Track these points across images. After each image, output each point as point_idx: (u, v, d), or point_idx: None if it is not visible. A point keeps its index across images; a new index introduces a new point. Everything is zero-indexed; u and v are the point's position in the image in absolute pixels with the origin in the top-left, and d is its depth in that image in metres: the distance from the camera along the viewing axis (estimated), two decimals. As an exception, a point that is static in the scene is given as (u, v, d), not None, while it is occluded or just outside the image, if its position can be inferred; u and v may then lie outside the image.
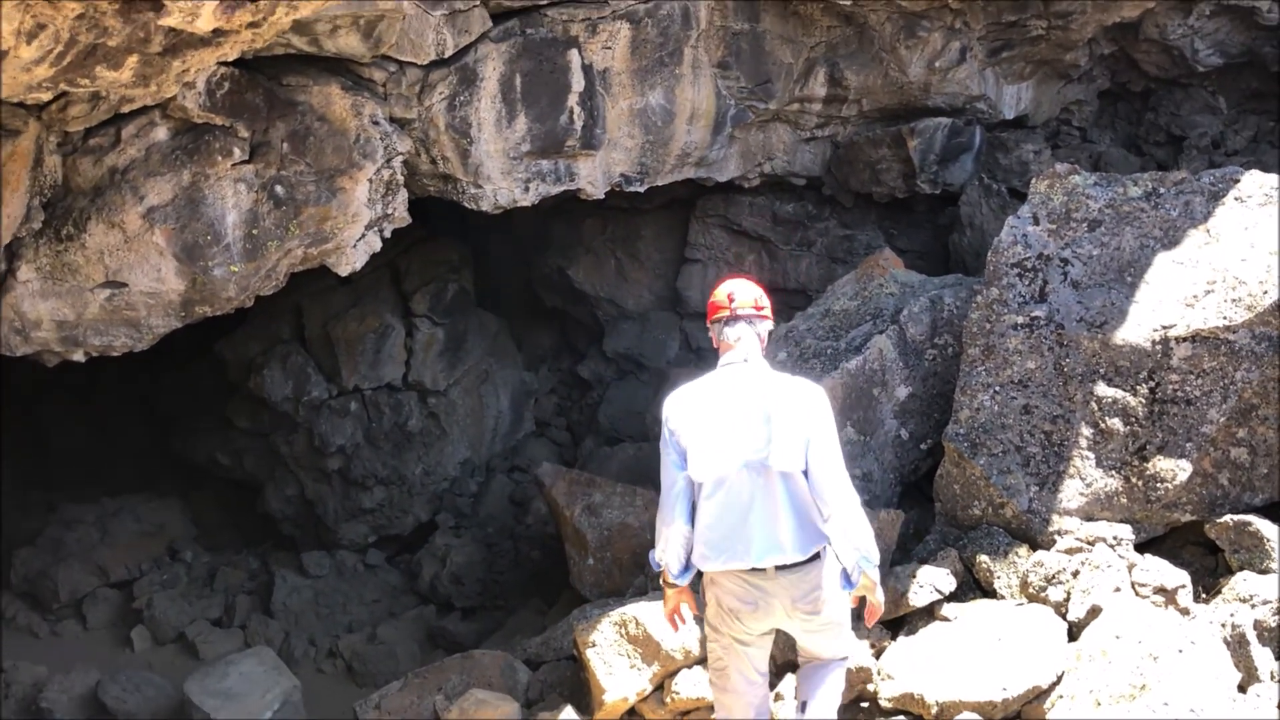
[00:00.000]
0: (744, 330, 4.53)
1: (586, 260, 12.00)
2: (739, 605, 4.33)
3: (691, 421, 4.26)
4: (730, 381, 4.38)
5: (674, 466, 4.24)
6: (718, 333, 4.60)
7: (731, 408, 4.28)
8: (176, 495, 12.07)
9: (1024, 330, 6.78)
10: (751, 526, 4.19)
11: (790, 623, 4.47)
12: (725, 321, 4.55)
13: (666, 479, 4.25)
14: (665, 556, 4.31)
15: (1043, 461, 6.60)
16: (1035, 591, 6.16)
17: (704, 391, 4.36)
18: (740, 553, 4.22)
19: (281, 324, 11.45)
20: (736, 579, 4.28)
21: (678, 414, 4.31)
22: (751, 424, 4.23)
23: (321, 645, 10.14)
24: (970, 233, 9.69)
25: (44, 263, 6.80)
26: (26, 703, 9.16)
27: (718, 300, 4.63)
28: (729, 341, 4.52)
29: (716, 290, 4.72)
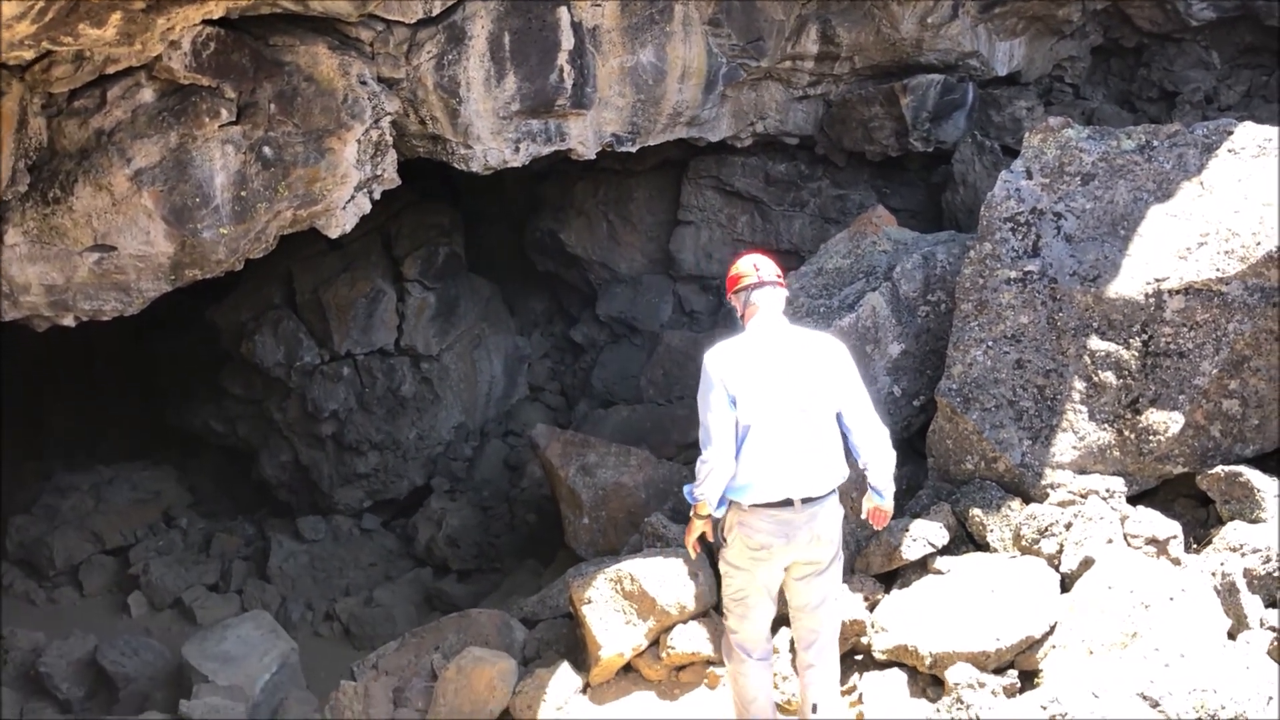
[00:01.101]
0: (770, 294, 4.95)
1: (578, 223, 11.96)
2: (769, 539, 4.75)
3: (739, 371, 4.66)
4: (768, 337, 4.81)
5: (727, 410, 4.60)
6: (744, 300, 4.97)
7: (774, 359, 4.73)
8: (171, 463, 12.09)
9: (1017, 285, 6.77)
10: (788, 464, 4.66)
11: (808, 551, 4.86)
12: (753, 289, 4.94)
13: (718, 422, 4.59)
14: (708, 491, 4.64)
15: (1035, 415, 6.62)
16: (1028, 544, 6.19)
17: (746, 346, 4.77)
18: (780, 488, 4.67)
19: (272, 290, 11.41)
20: (767, 515, 4.70)
21: (725, 365, 4.68)
22: (794, 373, 4.72)
23: (318, 609, 10.19)
24: (963, 190, 9.66)
25: (31, 226, 6.74)
26: (25, 668, 9.21)
27: (743, 271, 5.02)
28: (758, 305, 4.92)
29: (738, 263, 5.09)
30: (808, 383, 4.73)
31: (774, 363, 4.73)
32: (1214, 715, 4.61)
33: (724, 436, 4.62)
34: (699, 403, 4.74)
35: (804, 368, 4.76)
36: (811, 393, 4.72)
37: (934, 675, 5.66)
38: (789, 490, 4.68)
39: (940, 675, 5.51)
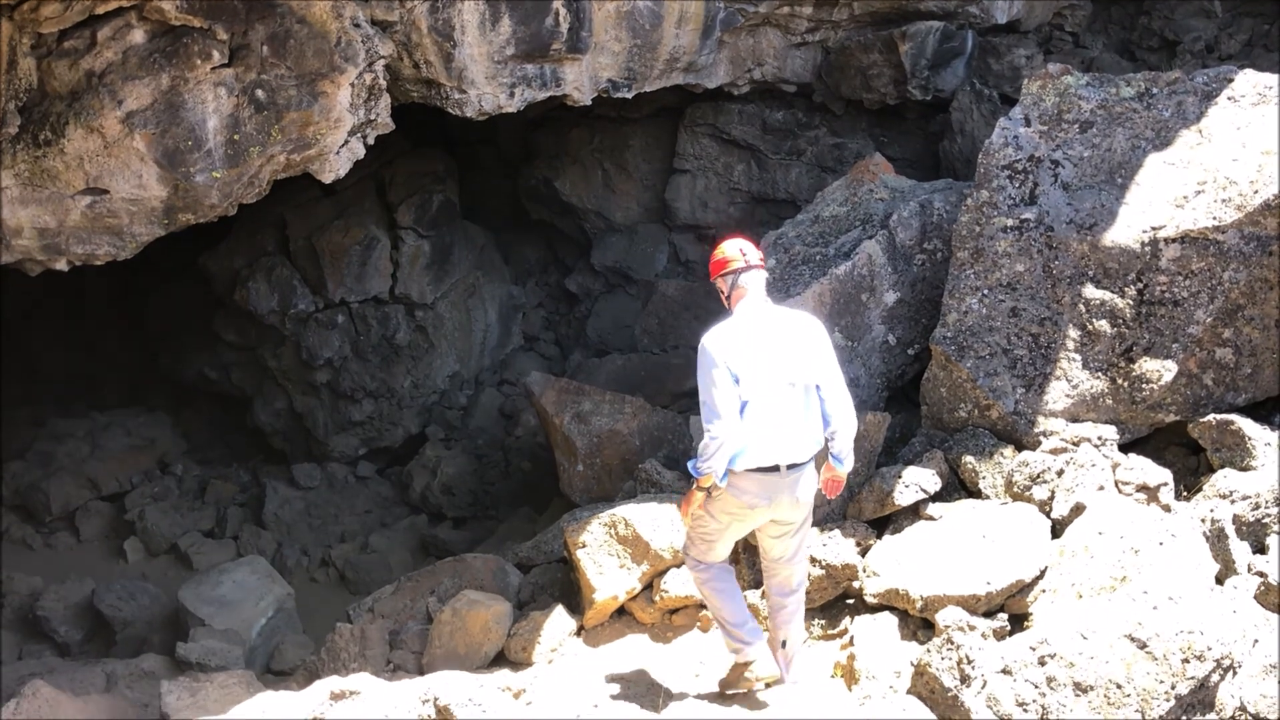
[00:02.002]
0: (756, 277, 5.22)
1: (573, 171, 11.87)
2: (755, 500, 5.04)
3: (738, 351, 4.94)
4: (759, 318, 5.10)
5: (731, 387, 4.88)
6: (731, 283, 5.22)
7: (766, 338, 5.03)
8: (165, 410, 12.09)
9: (1013, 233, 6.76)
10: (779, 433, 4.97)
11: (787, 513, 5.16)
12: (741, 272, 5.19)
13: (724, 399, 4.86)
14: (716, 465, 4.88)
15: (1029, 364, 6.63)
16: (1020, 491, 6.23)
17: (741, 328, 5.05)
18: (770, 455, 4.96)
19: (265, 236, 11.35)
20: (756, 478, 4.98)
21: (725, 347, 4.94)
22: (783, 350, 5.02)
23: (314, 555, 10.26)
24: (961, 139, 9.60)
25: (22, 169, 6.68)
26: (23, 612, 9.28)
27: (731, 255, 5.25)
28: (746, 288, 5.17)
29: (724, 248, 5.30)
30: (795, 359, 5.04)
31: (766, 341, 5.03)
32: (1200, 656, 4.67)
33: (731, 412, 4.87)
34: (701, 382, 4.96)
35: (791, 345, 5.07)
36: (798, 368, 5.04)
37: (925, 619, 5.72)
38: (777, 457, 4.98)
39: (931, 618, 5.57)
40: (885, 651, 5.59)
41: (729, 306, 5.26)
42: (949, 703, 4.82)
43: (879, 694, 5.28)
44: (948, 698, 4.82)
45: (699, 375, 4.99)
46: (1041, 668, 4.81)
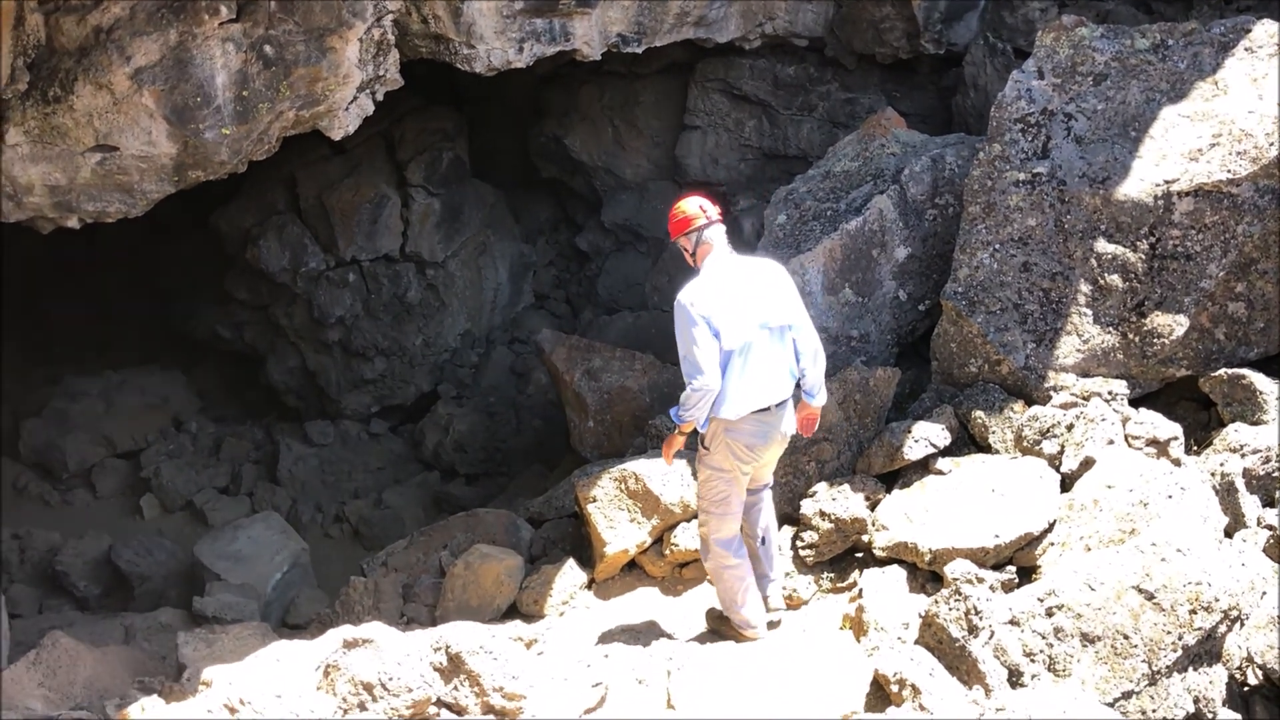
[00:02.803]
0: (718, 231, 5.40)
1: (583, 128, 11.80)
2: (755, 441, 5.32)
3: (717, 306, 5.14)
4: (731, 270, 5.30)
5: (712, 342, 5.10)
6: (696, 240, 5.37)
7: (739, 289, 5.24)
8: (179, 368, 12.14)
9: (1025, 187, 6.72)
10: (766, 375, 5.25)
11: (776, 447, 5.51)
12: (704, 228, 5.36)
13: (706, 353, 5.08)
14: (698, 414, 5.16)
15: (1040, 319, 6.62)
16: (1029, 445, 6.24)
17: (715, 282, 5.22)
18: (762, 396, 5.24)
19: (276, 194, 11.34)
20: (754, 420, 5.26)
21: (704, 303, 5.14)
22: (756, 298, 5.24)
23: (328, 511, 10.34)
24: (974, 94, 9.51)
25: (32, 126, 6.67)
26: (42, 566, 9.40)
27: (691, 213, 5.40)
28: (711, 242, 5.36)
29: (684, 206, 5.45)
30: (768, 304, 5.27)
31: (740, 292, 5.24)
32: (1208, 607, 4.70)
33: (712, 365, 5.10)
34: (681, 339, 5.15)
35: (762, 291, 5.29)
36: (771, 312, 5.27)
37: (933, 572, 5.76)
38: (768, 398, 5.26)
39: (939, 571, 5.60)
40: (893, 604, 5.63)
41: (694, 264, 5.42)
42: (956, 653, 4.85)
43: (887, 645, 5.33)
44: (955, 648, 4.86)
45: (679, 332, 5.17)
46: (1049, 619, 4.85)
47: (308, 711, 4.17)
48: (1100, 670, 4.71)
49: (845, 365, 6.99)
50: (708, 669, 5.14)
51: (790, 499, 6.52)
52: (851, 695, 4.96)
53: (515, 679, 4.55)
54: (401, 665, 4.34)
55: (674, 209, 5.49)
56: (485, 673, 4.52)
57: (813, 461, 6.58)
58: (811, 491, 6.40)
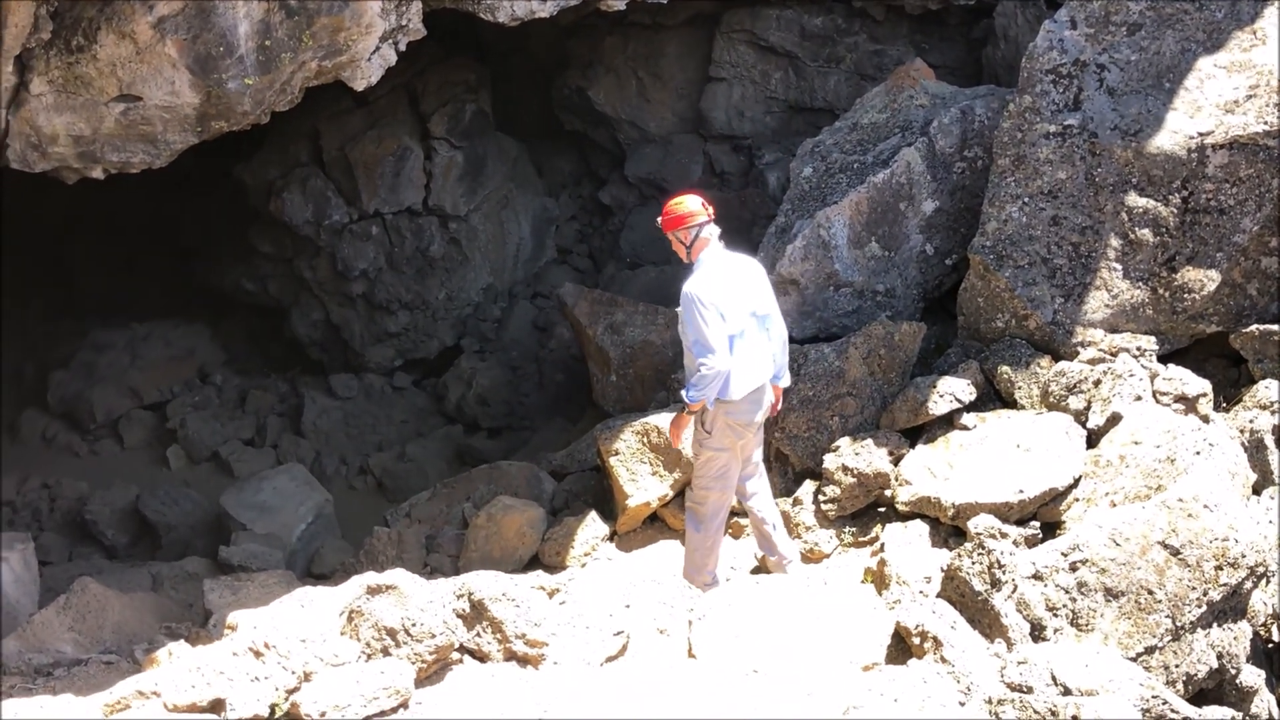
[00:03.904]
0: (713, 228, 5.78)
1: (607, 80, 11.68)
2: (749, 417, 5.76)
3: (723, 294, 5.54)
4: (729, 264, 5.74)
5: (723, 324, 5.50)
6: (695, 235, 5.73)
7: (738, 280, 5.69)
8: (204, 321, 12.20)
9: (1056, 139, 6.61)
10: (757, 357, 5.73)
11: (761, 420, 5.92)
12: (705, 224, 5.74)
13: (718, 335, 5.47)
14: (710, 393, 5.53)
15: (1069, 273, 6.53)
16: (1056, 401, 6.18)
17: (720, 273, 5.64)
18: (757, 376, 5.71)
19: (299, 147, 11.31)
20: (749, 399, 5.69)
21: (713, 291, 5.51)
22: (750, 288, 5.73)
23: (352, 463, 10.42)
24: (1004, 46, 9.34)
25: (56, 75, 6.65)
26: (71, 515, 9.53)
27: (693, 209, 5.74)
28: (708, 238, 5.74)
29: (685, 202, 5.77)
30: (754, 294, 5.75)
31: (739, 283, 5.69)
32: (1234, 564, 4.67)
33: (723, 347, 5.49)
34: (693, 323, 5.51)
35: (752, 283, 5.78)
36: (756, 301, 5.74)
37: (956, 526, 5.74)
38: (760, 377, 5.74)
39: (962, 526, 5.58)
40: (916, 558, 5.62)
41: (689, 257, 5.78)
42: (979, 606, 4.85)
43: (908, 598, 5.32)
44: (978, 601, 4.85)
45: (689, 318, 5.53)
46: (1073, 573, 4.83)
47: (331, 656, 4.21)
48: (1124, 625, 4.69)
49: (870, 320, 6.94)
50: (729, 620, 5.15)
51: (813, 453, 6.50)
52: (873, 647, 4.96)
53: (537, 626, 4.58)
54: (425, 611, 4.36)
55: (673, 204, 5.81)
56: (508, 620, 4.55)
57: (836, 416, 6.55)
58: (834, 446, 6.38)
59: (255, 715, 3.93)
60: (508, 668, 4.54)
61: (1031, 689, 4.22)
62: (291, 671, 4.09)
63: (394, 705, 4.08)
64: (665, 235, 5.92)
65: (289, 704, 4.00)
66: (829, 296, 7.26)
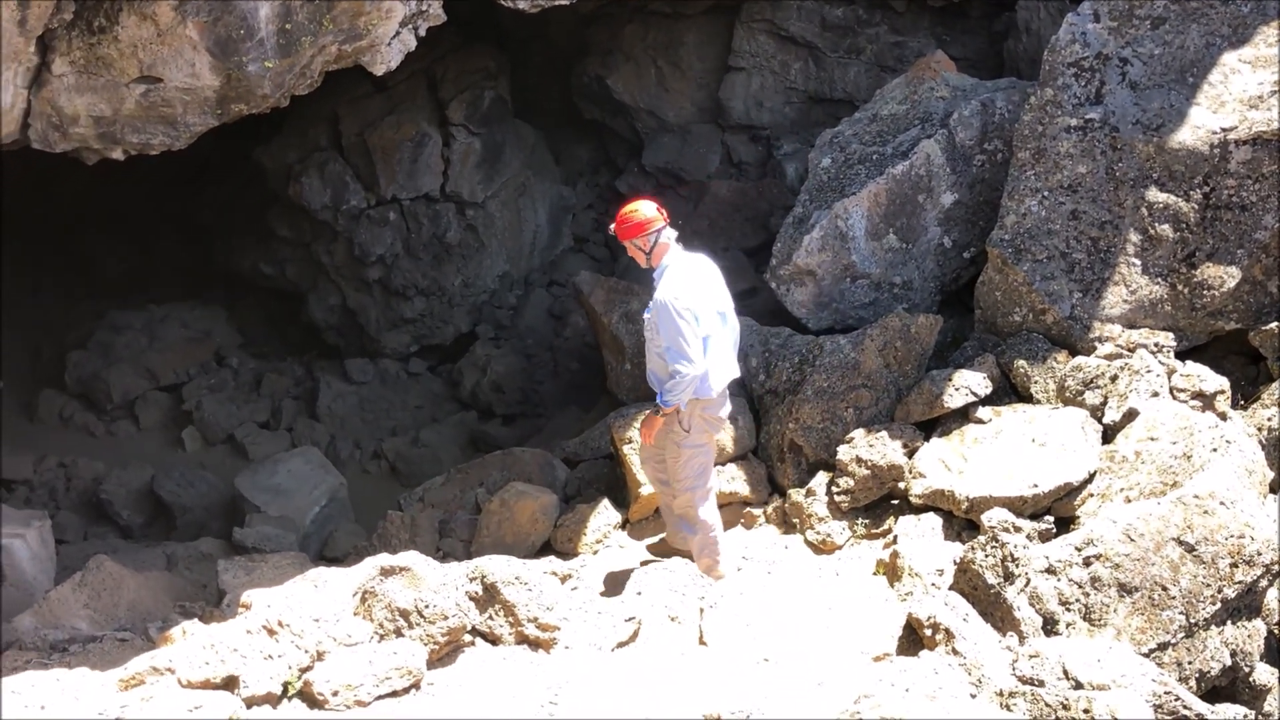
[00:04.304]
0: (671, 231, 5.86)
1: (626, 69, 11.65)
2: (722, 410, 5.92)
3: (696, 298, 5.65)
4: (694, 267, 5.83)
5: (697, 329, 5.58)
6: (654, 240, 5.78)
7: (704, 282, 5.79)
8: (221, 304, 12.23)
9: (1077, 133, 6.58)
10: (727, 354, 5.88)
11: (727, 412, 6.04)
12: (663, 230, 5.80)
13: (695, 342, 5.56)
14: (686, 394, 5.62)
15: (1088, 268, 6.51)
16: (1072, 395, 6.16)
17: (689, 277, 5.73)
18: (729, 371, 5.87)
19: (318, 131, 11.32)
20: (722, 394, 5.85)
21: (687, 297, 5.60)
22: (714, 288, 5.85)
23: (366, 447, 10.44)
24: (1027, 39, 9.27)
25: (77, 56, 6.68)
26: (87, 495, 9.58)
27: (650, 215, 5.78)
28: (668, 242, 5.82)
29: (641, 209, 5.79)
30: (717, 293, 5.86)
31: (706, 284, 5.79)
32: (1249, 561, 4.65)
33: (699, 352, 5.58)
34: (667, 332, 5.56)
35: (716, 283, 5.89)
36: (720, 300, 5.87)
37: (969, 519, 5.73)
38: (731, 371, 5.90)
39: (976, 519, 5.58)
40: (928, 550, 5.62)
41: (649, 263, 5.84)
42: (991, 599, 4.84)
43: (921, 590, 5.32)
44: (990, 594, 4.84)
45: (666, 324, 5.56)
46: (1086, 568, 4.82)
47: (344, 636, 4.23)
48: (1137, 620, 4.68)
49: (887, 312, 6.93)
50: (741, 609, 5.16)
51: (827, 445, 6.49)
52: (884, 638, 4.97)
53: (549, 610, 4.59)
54: (438, 593, 4.38)
55: (628, 211, 5.82)
56: (520, 603, 4.56)
57: (850, 408, 6.54)
58: (849, 438, 6.37)
59: (268, 693, 3.96)
60: (519, 651, 4.56)
61: (1043, 683, 4.21)
62: (305, 650, 4.11)
63: (406, 685, 4.11)
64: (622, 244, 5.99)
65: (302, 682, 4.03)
66: (845, 288, 7.25)
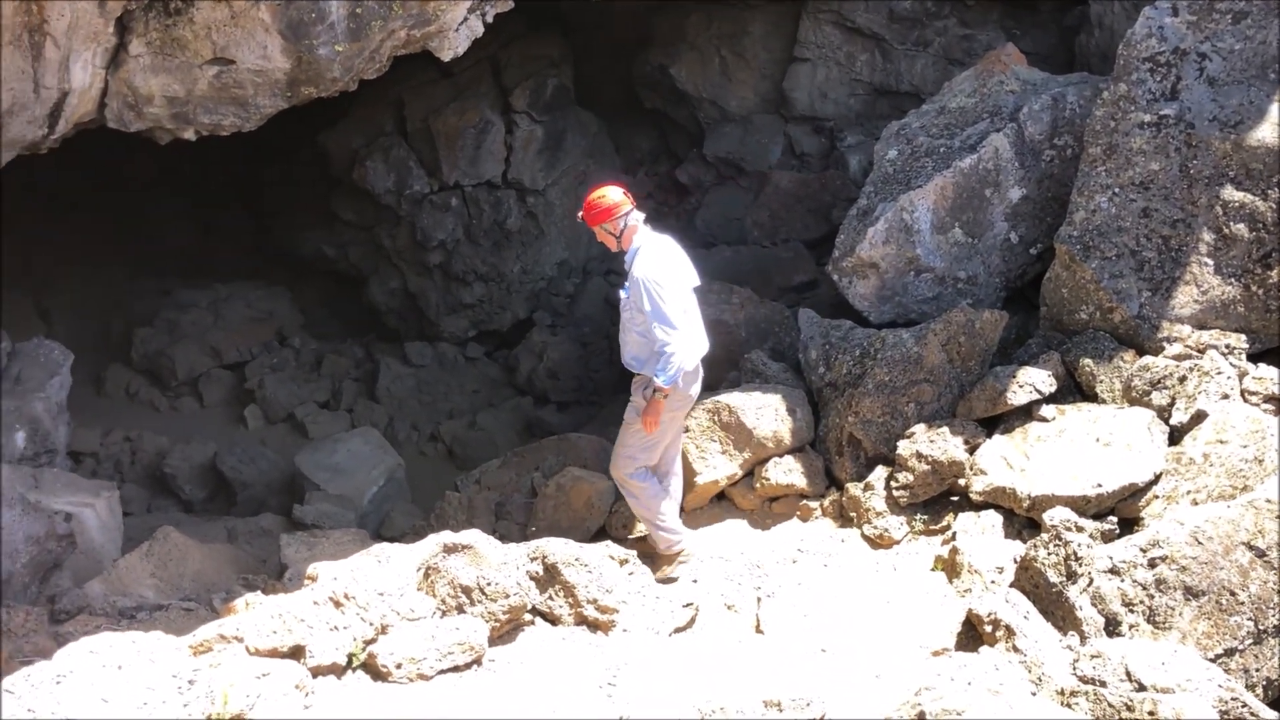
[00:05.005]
0: (639, 214, 6.04)
1: (689, 58, 11.62)
2: (691, 387, 6.05)
3: (673, 274, 5.87)
4: (660, 246, 6.00)
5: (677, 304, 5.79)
6: (624, 224, 5.97)
7: (673, 260, 5.99)
8: (284, 284, 12.41)
9: (1150, 129, 6.46)
10: (699, 329, 6.09)
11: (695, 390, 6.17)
12: (630, 212, 5.98)
13: (677, 314, 5.74)
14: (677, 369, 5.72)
15: (1158, 267, 6.39)
16: (1138, 395, 6.06)
17: (663, 255, 5.94)
18: (701, 347, 6.05)
19: (383, 116, 11.44)
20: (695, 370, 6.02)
21: (663, 273, 5.81)
22: (684, 267, 6.07)
23: (423, 430, 10.55)
24: (1099, 33, 9.12)
25: (154, 37, 6.80)
26: (151, 469, 9.78)
27: (617, 200, 5.97)
28: (636, 224, 6.00)
29: (608, 194, 5.98)
30: (689, 271, 6.10)
31: (677, 263, 6.00)
32: (1321, 568, 4.55)
33: (682, 325, 5.77)
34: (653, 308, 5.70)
35: (684, 262, 6.10)
36: (693, 278, 6.11)
37: (1030, 518, 5.67)
38: (701, 349, 6.07)
39: (1037, 518, 5.51)
40: (988, 548, 5.56)
41: (619, 246, 6.02)
42: (1053, 598, 4.79)
43: (980, 588, 5.27)
44: (1052, 593, 4.79)
45: (652, 302, 5.71)
46: (1152, 570, 4.74)
47: (408, 610, 4.29)
48: (1203, 625, 4.60)
49: (950, 307, 6.86)
50: (798, 599, 5.15)
51: (886, 439, 6.45)
52: (942, 634, 4.93)
53: (609, 593, 4.62)
54: (499, 572, 4.43)
55: (596, 197, 5.99)
56: (580, 585, 4.59)
57: (912, 403, 6.48)
58: (909, 433, 6.32)
59: (333, 663, 4.03)
60: (578, 632, 4.59)
61: (1105, 683, 4.16)
62: (369, 623, 4.18)
63: (468, 661, 4.15)
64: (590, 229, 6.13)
65: (366, 654, 4.09)
66: (909, 281, 7.19)
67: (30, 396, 7.48)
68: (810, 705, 3.70)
